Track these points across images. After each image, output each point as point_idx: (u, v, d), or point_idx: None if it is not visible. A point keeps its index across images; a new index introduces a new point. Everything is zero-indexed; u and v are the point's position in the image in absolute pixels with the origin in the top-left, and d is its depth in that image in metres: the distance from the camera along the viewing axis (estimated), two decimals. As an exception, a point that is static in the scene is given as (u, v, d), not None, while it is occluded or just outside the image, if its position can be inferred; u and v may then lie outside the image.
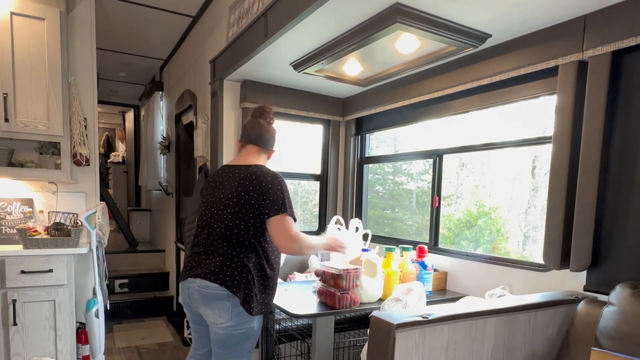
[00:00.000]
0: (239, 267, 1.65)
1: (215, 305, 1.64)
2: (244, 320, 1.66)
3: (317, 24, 1.83)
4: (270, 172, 1.72)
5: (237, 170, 1.73)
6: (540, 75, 1.78)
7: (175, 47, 4.30)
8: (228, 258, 1.66)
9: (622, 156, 1.54)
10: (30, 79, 2.42)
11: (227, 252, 1.66)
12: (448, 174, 2.58)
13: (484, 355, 1.40)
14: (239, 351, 1.71)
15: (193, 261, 1.75)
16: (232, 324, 1.65)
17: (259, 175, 1.68)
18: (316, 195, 3.25)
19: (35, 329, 2.39)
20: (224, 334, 1.68)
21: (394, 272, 2.09)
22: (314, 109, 2.92)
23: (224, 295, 1.62)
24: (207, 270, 1.65)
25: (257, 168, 1.72)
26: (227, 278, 1.62)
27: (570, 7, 1.55)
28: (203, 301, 1.67)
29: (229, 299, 1.63)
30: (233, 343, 1.69)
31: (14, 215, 2.64)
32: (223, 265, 1.64)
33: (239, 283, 1.63)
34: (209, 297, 1.65)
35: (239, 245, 1.67)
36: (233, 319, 1.64)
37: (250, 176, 1.68)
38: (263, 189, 1.65)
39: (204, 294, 1.66)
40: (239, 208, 1.66)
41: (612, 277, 1.55)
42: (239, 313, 1.64)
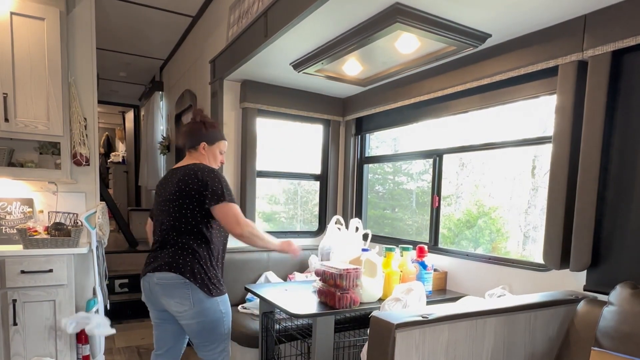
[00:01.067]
0: (190, 253, 1.75)
1: (176, 294, 1.73)
2: (207, 306, 1.75)
3: (317, 24, 1.83)
4: (204, 166, 1.82)
5: (178, 170, 1.85)
6: (540, 75, 1.78)
7: (175, 47, 4.30)
8: (179, 247, 1.76)
9: (622, 156, 1.54)
10: (30, 79, 2.42)
11: (177, 242, 1.77)
12: (448, 174, 2.58)
13: (484, 355, 1.40)
14: (214, 337, 1.81)
15: (150, 257, 1.84)
16: (196, 310, 1.74)
17: (196, 170, 1.78)
18: (316, 195, 3.25)
19: (35, 329, 2.39)
20: (194, 323, 1.76)
21: (394, 272, 2.09)
22: (314, 109, 2.92)
23: (181, 283, 1.71)
24: (162, 262, 1.76)
25: (195, 165, 1.82)
26: (181, 265, 1.72)
27: (570, 7, 1.55)
28: (164, 292, 1.76)
29: (186, 286, 1.72)
30: (206, 330, 1.78)
31: (14, 215, 2.64)
32: (175, 255, 1.75)
33: (192, 268, 1.73)
34: (168, 287, 1.74)
35: (188, 233, 1.77)
36: (195, 305, 1.73)
37: (188, 172, 1.79)
38: (201, 181, 1.75)
39: (163, 285, 1.75)
40: (182, 200, 1.76)
41: (612, 277, 1.55)
42: (199, 298, 1.73)
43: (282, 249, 1.95)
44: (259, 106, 2.73)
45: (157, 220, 1.88)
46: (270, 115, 2.83)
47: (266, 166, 2.94)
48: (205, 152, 1.92)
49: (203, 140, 1.91)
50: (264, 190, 3.49)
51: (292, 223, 3.79)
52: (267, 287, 2.23)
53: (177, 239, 1.77)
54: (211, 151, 1.93)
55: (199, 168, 1.79)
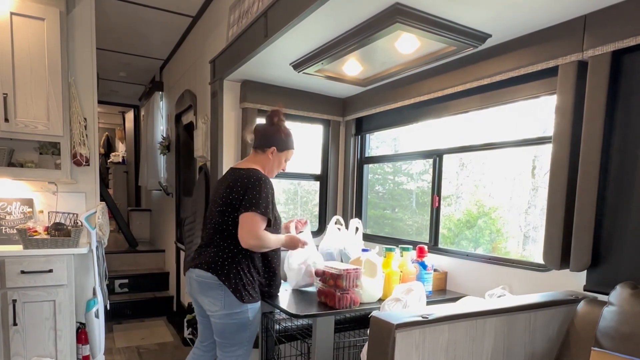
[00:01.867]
0: (230, 257, 1.80)
1: (210, 294, 1.80)
2: (236, 310, 1.79)
3: (317, 24, 1.83)
4: (256, 174, 1.83)
5: (232, 173, 1.89)
6: (540, 75, 1.78)
7: (175, 47, 4.30)
8: (221, 249, 1.82)
9: (622, 156, 1.54)
10: (30, 79, 2.42)
11: (220, 244, 1.83)
12: (448, 174, 2.58)
13: (484, 355, 1.40)
14: (236, 340, 1.84)
15: (195, 253, 1.92)
16: (226, 312, 1.79)
17: (244, 176, 1.82)
18: (316, 195, 3.25)
19: (35, 329, 2.39)
20: (221, 324, 1.82)
21: (394, 272, 2.09)
22: (314, 109, 2.92)
23: (216, 284, 1.77)
24: (203, 260, 1.83)
25: (247, 171, 1.85)
26: (219, 267, 1.78)
27: (570, 7, 1.55)
28: (200, 290, 1.83)
29: (221, 288, 1.77)
30: (230, 332, 1.82)
31: (14, 215, 2.64)
32: (216, 256, 1.81)
33: (229, 272, 1.78)
34: (204, 286, 1.80)
35: (230, 238, 1.81)
36: (226, 307, 1.78)
37: (237, 178, 1.83)
38: (244, 188, 1.79)
39: (200, 283, 1.82)
40: (226, 207, 1.81)
41: (612, 277, 1.55)
42: (231, 302, 1.78)
43: (289, 245, 1.99)
44: (259, 106, 2.73)
45: (206, 218, 1.95)
46: (270, 115, 2.83)
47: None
48: (272, 157, 1.94)
49: (274, 144, 1.93)
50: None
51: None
52: (267, 287, 2.23)
53: (220, 242, 1.83)
54: (278, 157, 1.96)
55: (248, 175, 1.81)
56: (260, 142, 1.94)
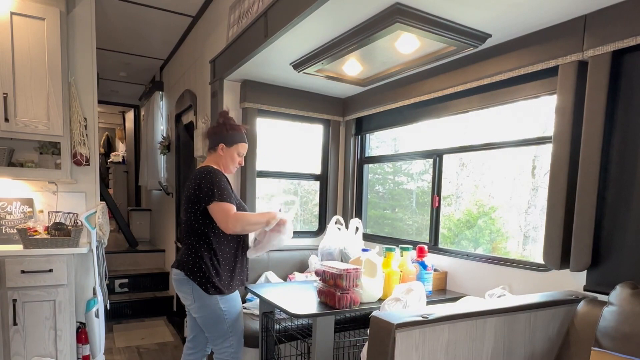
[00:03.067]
0: (193, 253, 1.91)
1: (182, 289, 1.94)
2: (205, 302, 1.90)
3: (317, 24, 1.83)
4: (205, 169, 1.92)
5: (191, 174, 1.99)
6: (541, 75, 1.78)
7: (175, 47, 4.30)
8: (187, 247, 1.94)
9: (622, 156, 1.54)
10: (30, 79, 2.42)
11: (187, 242, 1.95)
12: (448, 174, 2.58)
13: (484, 355, 1.40)
14: (218, 332, 1.96)
15: (176, 254, 2.04)
16: (198, 305, 1.91)
17: (196, 173, 1.92)
18: (316, 195, 3.25)
19: (35, 329, 2.39)
20: (198, 317, 1.96)
21: (394, 272, 2.09)
22: (314, 109, 2.92)
23: (184, 279, 1.90)
24: (176, 259, 1.98)
25: (199, 169, 1.95)
26: (184, 263, 1.91)
27: (570, 7, 1.55)
28: (176, 286, 1.97)
29: (188, 283, 1.90)
30: (208, 324, 1.95)
31: (14, 215, 2.64)
32: (184, 254, 1.94)
33: (193, 267, 1.89)
34: (177, 283, 1.95)
35: (194, 235, 1.92)
36: (196, 300, 1.91)
37: (192, 177, 1.94)
38: (197, 184, 1.88)
39: (175, 280, 1.96)
40: (187, 204, 1.92)
41: (612, 277, 1.55)
42: (199, 294, 1.89)
43: (268, 223, 1.94)
44: (259, 106, 2.73)
45: (181, 220, 2.06)
46: (270, 115, 2.83)
47: (266, 166, 2.94)
48: (223, 153, 1.99)
49: (222, 141, 1.99)
50: (264, 190, 3.48)
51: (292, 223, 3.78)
52: (267, 287, 2.23)
53: (187, 239, 1.95)
54: (229, 152, 2.00)
55: (199, 171, 1.93)
56: (210, 142, 2.02)
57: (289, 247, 2.92)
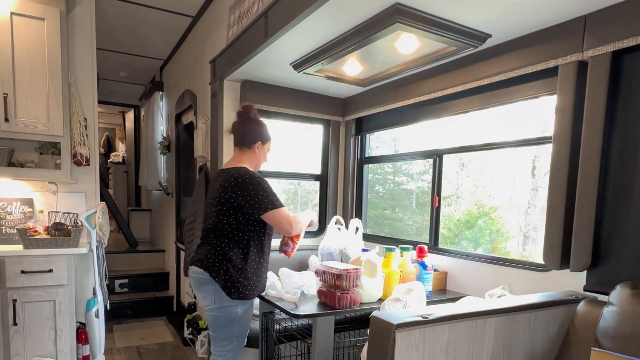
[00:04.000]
0: (221, 255, 1.86)
1: (202, 289, 1.89)
2: (226, 304, 1.86)
3: (317, 24, 1.83)
4: (245, 172, 1.87)
5: (223, 174, 1.92)
6: (540, 75, 1.78)
7: (175, 47, 4.30)
8: (213, 247, 1.88)
9: (622, 156, 1.54)
10: (30, 79, 2.42)
11: (213, 243, 1.89)
12: (448, 174, 2.58)
13: (484, 355, 1.40)
14: (226, 334, 1.92)
15: (195, 251, 2.00)
16: (216, 306, 1.87)
17: (237, 178, 1.84)
18: (316, 195, 3.25)
19: (35, 329, 2.39)
20: (211, 317, 1.92)
21: (394, 272, 2.09)
22: (314, 109, 2.92)
23: (207, 279, 1.86)
24: (198, 257, 1.91)
25: (237, 170, 1.88)
26: (210, 264, 1.86)
27: (570, 7, 1.55)
28: (195, 285, 1.93)
29: (211, 284, 1.85)
30: (219, 325, 1.91)
31: (14, 215, 2.64)
32: (208, 254, 1.88)
33: (219, 269, 1.85)
34: (198, 282, 1.90)
35: (224, 237, 1.87)
36: (216, 302, 1.86)
37: (230, 178, 1.85)
38: (242, 189, 1.82)
39: (195, 279, 1.91)
40: (221, 206, 1.86)
41: (612, 277, 1.55)
42: (220, 297, 1.86)
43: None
44: (259, 106, 2.73)
45: (204, 219, 2.00)
46: (270, 115, 2.83)
47: (266, 166, 2.93)
48: (258, 151, 1.97)
49: (259, 139, 1.96)
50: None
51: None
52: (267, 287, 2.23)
53: (214, 240, 1.89)
54: (263, 150, 2.00)
55: (241, 175, 1.84)
56: (244, 139, 1.96)
57: (289, 247, 2.92)
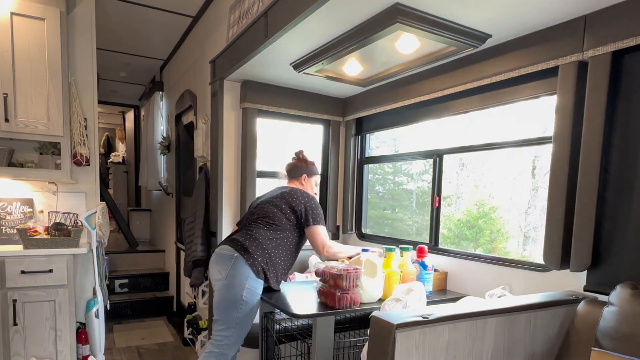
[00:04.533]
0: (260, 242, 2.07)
1: (220, 262, 2.04)
2: (234, 283, 1.98)
3: (317, 24, 1.83)
4: (308, 193, 2.25)
5: (287, 187, 2.30)
6: (541, 75, 1.78)
7: (175, 47, 4.30)
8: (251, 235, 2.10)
9: (622, 156, 1.54)
10: (30, 79, 2.42)
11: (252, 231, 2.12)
12: (448, 174, 2.58)
13: (484, 355, 1.40)
14: (226, 316, 2.00)
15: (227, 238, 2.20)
16: (225, 282, 1.99)
17: (302, 192, 2.21)
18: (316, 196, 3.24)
19: (35, 329, 2.39)
20: (217, 293, 2.01)
21: (394, 272, 2.09)
22: (314, 109, 2.92)
23: (228, 255, 2.02)
24: (232, 239, 2.11)
25: (301, 189, 2.26)
26: (241, 244, 2.04)
27: (570, 7, 1.55)
28: (215, 261, 2.10)
29: (230, 260, 2.00)
30: (222, 305, 2.00)
31: (14, 215, 2.64)
32: (242, 238, 2.09)
33: (249, 248, 2.03)
34: (219, 257, 2.06)
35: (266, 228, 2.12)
36: (228, 278, 1.99)
37: (296, 191, 2.21)
38: (302, 203, 2.16)
39: (218, 255, 2.09)
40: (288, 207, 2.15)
41: (612, 277, 1.55)
42: (233, 274, 1.98)
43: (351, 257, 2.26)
44: (259, 106, 2.73)
45: (255, 210, 2.21)
46: (271, 115, 2.83)
47: (266, 166, 2.94)
48: (305, 182, 2.38)
49: (304, 172, 2.38)
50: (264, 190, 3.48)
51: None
52: (267, 287, 2.23)
53: (257, 229, 2.10)
54: (309, 182, 2.39)
55: (303, 193, 2.22)
56: (293, 173, 2.39)
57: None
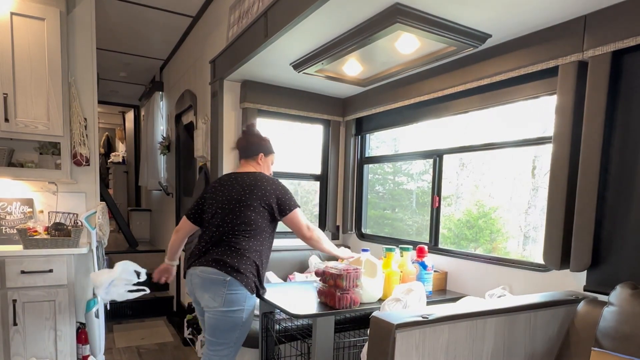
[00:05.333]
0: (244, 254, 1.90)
1: (212, 289, 1.86)
2: (233, 308, 1.85)
3: (317, 24, 1.83)
4: (271, 178, 2.00)
5: (242, 176, 1.99)
6: (541, 75, 1.78)
7: (175, 47, 4.30)
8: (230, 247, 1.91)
9: (622, 156, 1.54)
10: (30, 79, 2.41)
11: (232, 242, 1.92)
12: (448, 174, 2.58)
13: (484, 355, 1.40)
14: (225, 339, 1.89)
15: (198, 252, 1.99)
16: (224, 309, 1.85)
17: (263, 180, 1.96)
18: (316, 195, 3.25)
19: (35, 329, 2.39)
20: (215, 319, 1.87)
21: (394, 272, 2.09)
22: (314, 109, 2.92)
23: (221, 280, 1.84)
24: (212, 258, 1.89)
25: (260, 174, 2.00)
26: (226, 264, 1.86)
27: (570, 7, 1.55)
28: (202, 285, 1.89)
29: (223, 285, 1.84)
30: (221, 330, 1.88)
31: (14, 215, 2.64)
32: (224, 255, 1.89)
33: (239, 268, 1.86)
34: (209, 282, 1.87)
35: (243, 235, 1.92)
36: (225, 305, 1.84)
37: (257, 181, 1.95)
38: (273, 189, 1.95)
39: (205, 279, 1.88)
40: (246, 205, 1.92)
41: (612, 277, 1.55)
42: (231, 300, 1.84)
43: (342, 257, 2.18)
44: (259, 106, 2.73)
45: (213, 222, 1.97)
46: (270, 115, 2.83)
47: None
48: (261, 162, 2.09)
49: (261, 151, 2.08)
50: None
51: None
52: (267, 287, 2.23)
53: (233, 239, 1.90)
54: (266, 162, 2.11)
55: (269, 180, 1.97)
56: (248, 152, 2.08)
57: (289, 247, 2.92)
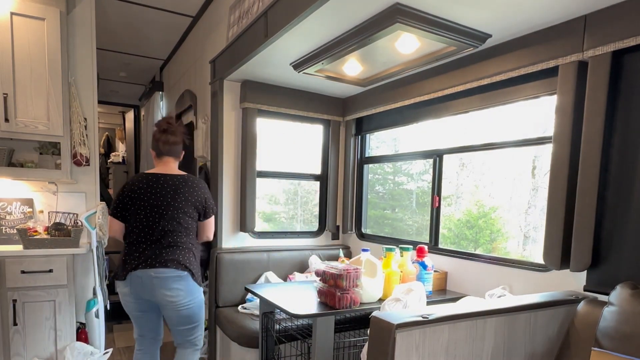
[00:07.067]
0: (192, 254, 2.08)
1: (178, 284, 1.99)
2: (196, 293, 2.05)
3: (317, 24, 1.83)
4: (202, 180, 2.19)
5: (178, 178, 2.09)
6: (541, 75, 1.78)
7: (175, 47, 4.30)
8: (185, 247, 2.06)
9: (622, 156, 1.54)
10: (30, 79, 2.42)
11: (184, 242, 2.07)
12: (448, 174, 2.58)
13: (484, 355, 1.40)
14: (199, 319, 2.10)
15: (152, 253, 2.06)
16: (190, 299, 2.01)
17: (199, 183, 2.13)
18: (316, 195, 3.25)
19: (35, 329, 2.39)
20: (188, 309, 2.02)
21: (394, 272, 2.09)
22: (314, 109, 2.92)
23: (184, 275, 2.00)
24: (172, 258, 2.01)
25: (194, 177, 2.14)
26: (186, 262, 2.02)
27: (570, 7, 1.55)
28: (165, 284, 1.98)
29: (185, 279, 2.00)
30: (195, 314, 2.06)
31: (14, 215, 2.64)
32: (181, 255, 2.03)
33: (193, 265, 2.05)
34: (171, 280, 1.98)
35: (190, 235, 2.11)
36: (192, 293, 2.02)
37: (193, 183, 2.10)
38: (205, 194, 2.13)
39: (166, 278, 1.98)
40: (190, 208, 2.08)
41: (612, 277, 1.55)
42: (192, 289, 2.02)
43: None
44: (259, 106, 2.73)
45: (148, 224, 2.02)
46: (271, 115, 2.83)
47: (266, 166, 2.94)
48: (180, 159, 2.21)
49: (183, 149, 2.20)
50: (264, 190, 3.48)
51: (292, 223, 3.79)
52: (267, 287, 2.23)
53: (185, 239, 2.05)
54: None
55: (199, 183, 2.12)
56: (176, 151, 2.15)
57: (289, 248, 2.93)
